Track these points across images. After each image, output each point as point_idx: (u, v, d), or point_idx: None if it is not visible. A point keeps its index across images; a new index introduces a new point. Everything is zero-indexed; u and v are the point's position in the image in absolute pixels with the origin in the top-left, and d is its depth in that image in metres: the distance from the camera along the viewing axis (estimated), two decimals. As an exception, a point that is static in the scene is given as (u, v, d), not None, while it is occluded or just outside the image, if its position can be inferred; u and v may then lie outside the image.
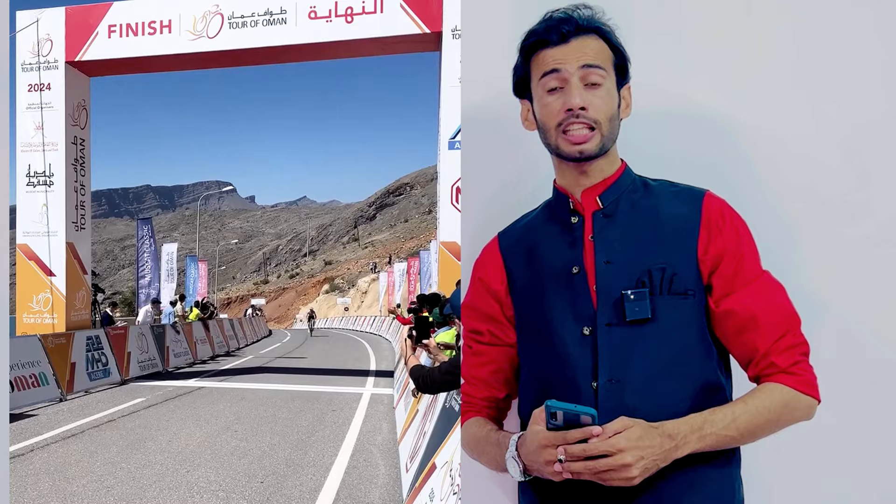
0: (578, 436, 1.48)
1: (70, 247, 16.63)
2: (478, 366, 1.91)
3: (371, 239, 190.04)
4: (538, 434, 1.54)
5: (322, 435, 9.28)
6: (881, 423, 1.88)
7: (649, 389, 1.61)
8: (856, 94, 1.89)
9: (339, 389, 14.08)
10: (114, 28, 15.73)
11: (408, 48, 14.94)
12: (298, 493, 6.47)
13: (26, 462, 7.75)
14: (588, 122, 1.65)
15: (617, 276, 1.67)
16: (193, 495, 6.44)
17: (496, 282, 1.88)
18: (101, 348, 14.99)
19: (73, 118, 16.71)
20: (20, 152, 16.81)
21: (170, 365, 18.52)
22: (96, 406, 11.86)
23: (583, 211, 1.75)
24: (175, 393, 13.46)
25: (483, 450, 1.85)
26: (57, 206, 16.51)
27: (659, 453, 1.49)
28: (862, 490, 1.91)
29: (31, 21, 16.28)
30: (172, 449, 8.43)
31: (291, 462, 7.73)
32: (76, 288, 16.79)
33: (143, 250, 23.92)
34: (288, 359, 23.42)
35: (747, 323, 1.64)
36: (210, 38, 15.06)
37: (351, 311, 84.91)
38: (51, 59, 16.33)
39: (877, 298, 1.88)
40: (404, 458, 6.95)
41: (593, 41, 1.70)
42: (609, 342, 1.64)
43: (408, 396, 8.96)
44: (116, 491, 6.56)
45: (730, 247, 1.66)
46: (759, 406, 1.58)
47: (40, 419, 10.56)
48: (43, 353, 12.66)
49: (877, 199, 1.88)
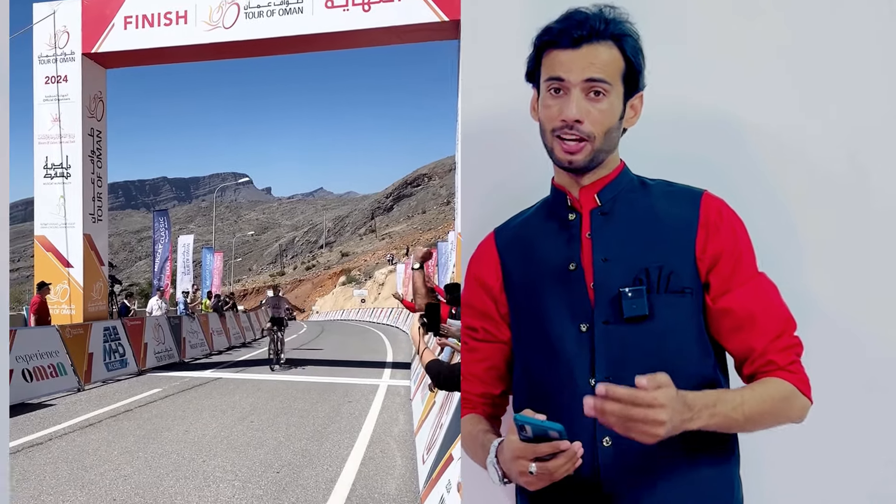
0: (547, 450, 1.47)
1: (87, 238, 16.71)
2: (473, 362, 1.91)
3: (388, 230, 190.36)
4: (512, 444, 1.54)
5: (338, 426, 9.27)
6: (879, 424, 1.89)
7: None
8: (856, 94, 1.90)
9: (355, 381, 14.09)
10: (130, 19, 15.74)
11: (426, 37, 14.81)
12: (314, 484, 6.46)
13: (45, 450, 7.80)
14: (581, 134, 1.65)
15: (614, 273, 1.67)
16: (209, 484, 6.45)
17: (491, 278, 1.87)
18: (119, 339, 15.09)
19: (89, 110, 16.76)
20: (37, 144, 16.89)
21: (186, 356, 18.64)
22: (113, 396, 11.93)
23: (580, 208, 1.76)
24: (191, 384, 13.52)
25: (475, 450, 1.86)
26: (74, 198, 16.58)
27: (678, 421, 1.47)
28: (863, 488, 1.92)
29: (48, 13, 16.33)
30: (189, 439, 8.45)
31: (307, 453, 7.73)
32: (93, 279, 16.87)
33: (160, 242, 24.00)
34: (304, 350, 23.48)
35: (744, 321, 1.64)
36: (226, 28, 15.04)
37: (368, 303, 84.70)
38: (67, 51, 16.38)
39: (876, 298, 1.89)
40: (421, 449, 6.91)
41: (606, 50, 1.68)
42: (606, 339, 1.65)
43: (424, 389, 8.93)
44: (133, 480, 6.58)
45: (727, 246, 1.66)
46: (765, 395, 1.58)
47: (58, 409, 10.63)
48: (61, 343, 12.76)
49: (876, 198, 1.89)
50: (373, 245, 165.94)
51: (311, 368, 16.67)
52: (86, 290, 16.57)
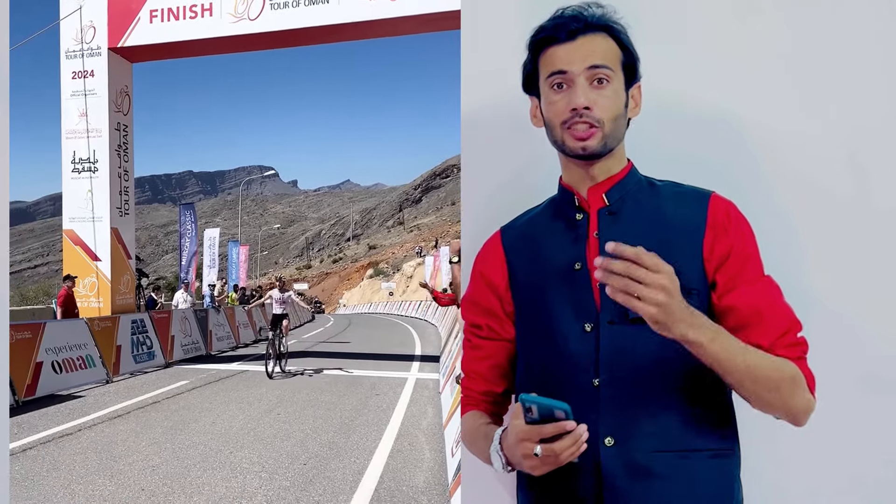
0: (552, 431, 1.45)
1: (115, 232, 16.85)
2: (476, 360, 1.92)
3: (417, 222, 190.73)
4: (516, 427, 1.52)
5: (365, 419, 9.24)
6: (881, 422, 1.90)
7: (651, 388, 1.61)
8: (856, 94, 1.91)
9: (382, 374, 14.05)
10: (155, 13, 15.82)
11: (453, 25, 14.63)
12: (342, 476, 6.42)
13: (74, 441, 7.86)
14: (591, 120, 1.65)
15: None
16: (237, 475, 6.43)
17: (497, 276, 1.87)
18: (146, 332, 15.19)
19: (115, 104, 16.88)
20: (65, 139, 17.06)
21: (213, 349, 18.74)
22: (141, 388, 12.01)
23: (588, 208, 1.74)
24: (218, 376, 13.58)
25: (475, 443, 1.85)
26: (101, 192, 16.73)
27: (677, 311, 1.42)
28: (862, 487, 1.93)
29: (75, 8, 16.44)
30: (216, 430, 8.46)
31: (334, 445, 7.69)
32: (121, 272, 17.01)
33: (186, 236, 24.13)
34: (331, 343, 23.56)
35: (750, 318, 1.62)
36: (251, 20, 15.04)
37: (396, 296, 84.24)
38: (94, 46, 16.50)
39: (876, 299, 1.90)
40: (450, 442, 6.84)
41: (602, 40, 1.68)
42: (611, 340, 1.64)
43: (453, 382, 8.86)
44: (162, 470, 6.59)
45: (736, 247, 1.65)
46: (771, 361, 1.55)
47: (87, 400, 10.71)
48: (90, 336, 12.86)
49: (877, 198, 1.90)
50: (401, 237, 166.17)
51: (337, 361, 16.66)
52: (113, 284, 16.72)
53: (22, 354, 10.83)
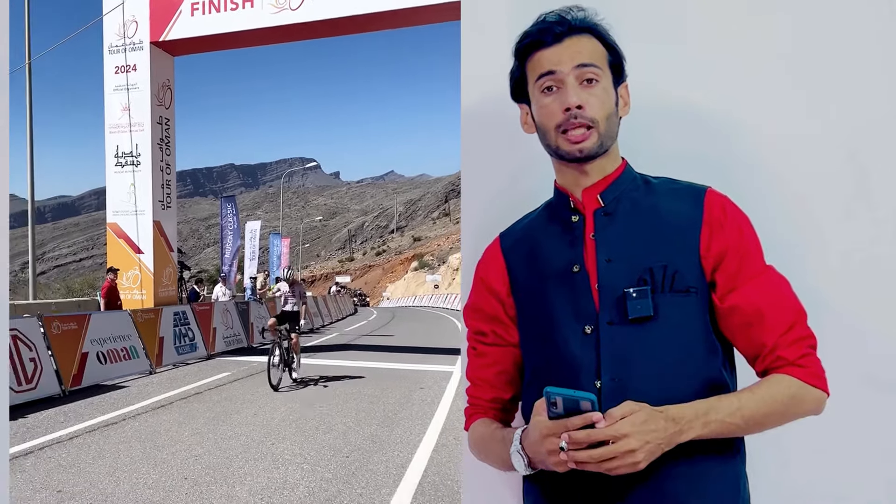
0: (579, 422, 1.44)
1: (157, 225, 17.03)
2: (482, 367, 1.91)
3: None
4: (540, 424, 1.52)
5: (409, 412, 9.14)
6: (885, 418, 1.91)
7: (652, 388, 1.59)
8: (856, 94, 1.92)
9: (427, 367, 13.92)
10: (196, 6, 15.91)
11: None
12: (384, 469, 6.32)
13: (119, 430, 7.91)
14: (586, 121, 1.65)
15: (618, 274, 1.66)
16: (279, 466, 6.38)
17: (498, 282, 1.87)
18: (188, 324, 15.31)
19: (157, 98, 17.03)
20: (108, 134, 17.28)
21: (254, 341, 18.83)
22: (184, 379, 12.09)
23: (583, 209, 1.74)
24: (259, 368, 13.57)
25: (490, 448, 1.82)
26: (144, 186, 16.91)
27: (663, 437, 1.46)
28: (865, 486, 1.94)
29: (118, 3, 16.59)
30: (258, 422, 8.44)
31: (377, 438, 7.60)
32: (163, 265, 17.19)
33: (228, 228, 24.30)
34: (374, 336, 23.55)
35: (753, 318, 1.62)
36: (293, 10, 15.03)
37: (441, 289, 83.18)
38: (136, 41, 16.67)
39: (877, 295, 1.91)
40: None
41: (587, 40, 1.70)
42: (611, 341, 1.64)
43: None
44: (204, 460, 6.58)
45: (732, 243, 1.64)
46: (766, 396, 1.56)
47: (131, 390, 10.80)
48: (133, 327, 12.99)
49: (877, 197, 1.91)
50: (447, 229, 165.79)
51: (381, 355, 16.59)
52: (156, 276, 16.91)
53: (68, 345, 10.97)
